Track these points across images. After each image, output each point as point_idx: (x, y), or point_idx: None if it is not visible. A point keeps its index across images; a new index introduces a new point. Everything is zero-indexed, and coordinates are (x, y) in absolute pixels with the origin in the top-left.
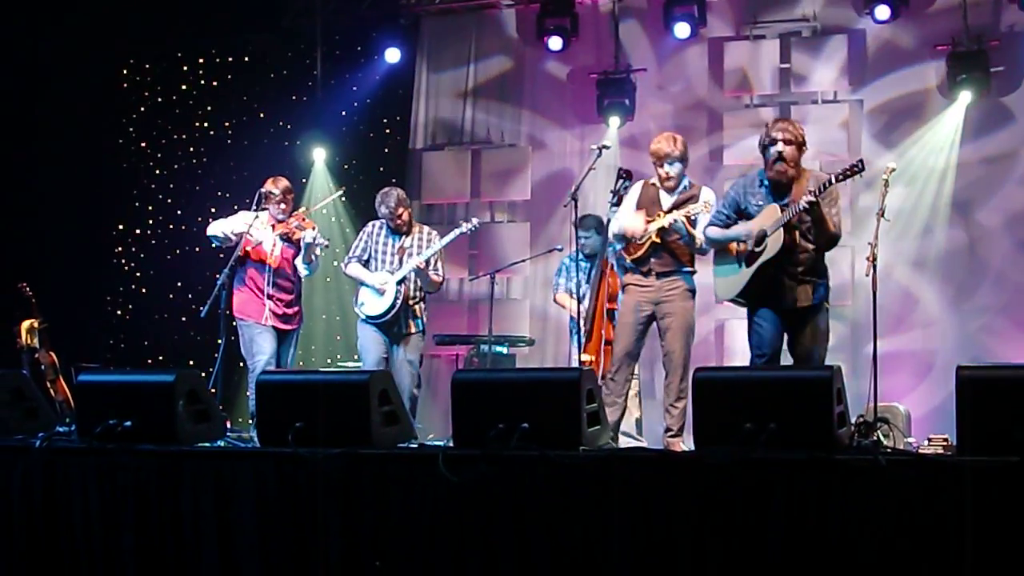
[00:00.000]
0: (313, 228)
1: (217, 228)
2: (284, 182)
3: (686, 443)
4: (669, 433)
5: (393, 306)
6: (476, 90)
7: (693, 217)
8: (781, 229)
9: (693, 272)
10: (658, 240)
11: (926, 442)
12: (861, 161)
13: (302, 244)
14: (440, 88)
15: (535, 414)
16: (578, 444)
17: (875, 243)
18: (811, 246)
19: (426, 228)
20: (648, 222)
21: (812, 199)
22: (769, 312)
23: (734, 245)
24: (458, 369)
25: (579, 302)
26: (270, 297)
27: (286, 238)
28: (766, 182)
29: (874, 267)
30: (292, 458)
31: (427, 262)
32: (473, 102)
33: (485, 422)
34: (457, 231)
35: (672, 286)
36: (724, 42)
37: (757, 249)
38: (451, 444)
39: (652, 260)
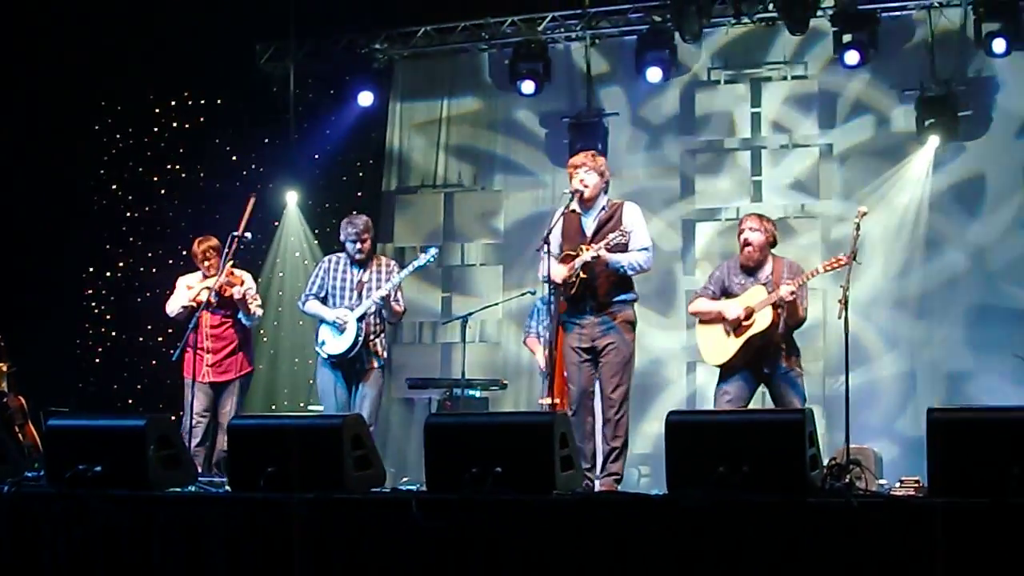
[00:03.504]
0: (241, 283)
1: (174, 307)
2: (207, 242)
3: (653, 486)
4: (607, 475)
5: (355, 344)
6: (449, 133)
7: (612, 243)
8: (770, 307)
9: (631, 300)
10: (586, 276)
11: (898, 484)
12: (854, 254)
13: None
14: (413, 131)
15: (509, 458)
16: (552, 488)
17: (847, 286)
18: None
19: (384, 259)
20: (570, 260)
21: (793, 289)
22: (746, 373)
23: (722, 316)
24: (431, 413)
25: (549, 346)
26: (208, 351)
27: (217, 294)
28: (736, 268)
29: (845, 309)
30: (264, 503)
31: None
32: (446, 145)
33: (459, 466)
34: (415, 263)
35: (608, 320)
36: (696, 86)
37: (746, 323)
38: (424, 488)
39: (586, 296)
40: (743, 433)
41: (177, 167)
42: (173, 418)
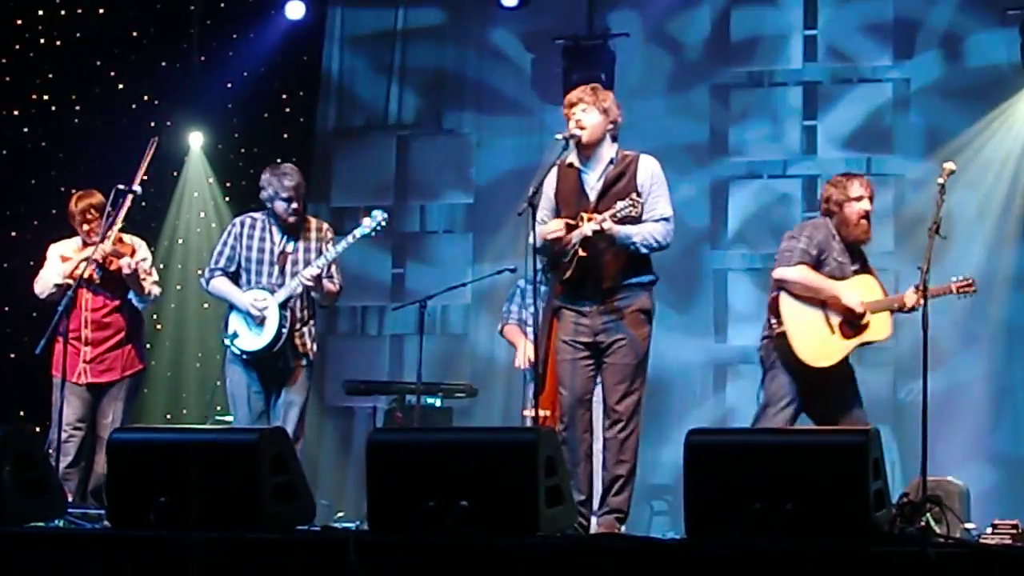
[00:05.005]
0: (132, 253)
1: (45, 284)
2: (89, 198)
3: (670, 527)
4: (607, 512)
5: (278, 338)
6: (405, 56)
7: (622, 215)
8: (887, 314)
9: (648, 283)
10: (586, 254)
11: (990, 529)
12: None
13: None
14: (357, 53)
15: (478, 488)
16: (534, 528)
17: (927, 267)
18: None
19: (316, 223)
20: (571, 226)
21: (917, 302)
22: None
23: (838, 301)
24: (376, 428)
25: (535, 339)
26: (86, 343)
27: (101, 267)
28: (837, 237)
29: (925, 297)
30: (154, 543)
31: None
32: (401, 72)
33: (411, 498)
34: (359, 232)
35: (615, 309)
36: (731, 3)
37: (861, 323)
38: (366, 526)
39: (587, 279)
40: (787, 459)
41: (45, 98)
42: (37, 430)
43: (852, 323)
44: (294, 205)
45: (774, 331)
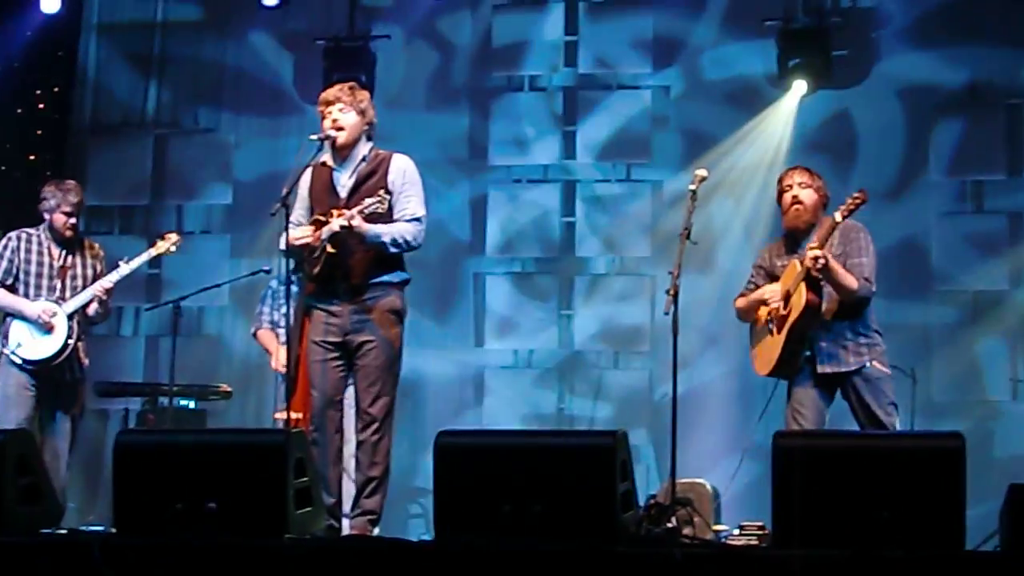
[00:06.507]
0: None
1: None
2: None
3: (425, 529)
4: (360, 514)
5: (64, 348)
6: (165, 53)
7: (369, 211)
8: (802, 284)
9: (399, 282)
10: (335, 251)
11: (737, 531)
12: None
13: None
14: (115, 50)
15: (227, 490)
16: (283, 530)
17: (677, 272)
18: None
19: (87, 241)
20: (321, 223)
21: (817, 254)
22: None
23: (763, 310)
24: (124, 429)
25: (287, 340)
26: None
27: None
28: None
29: (675, 303)
30: None
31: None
32: (160, 69)
33: (159, 500)
34: (153, 251)
35: (364, 308)
36: (496, 5)
37: (784, 311)
38: (114, 530)
39: (335, 276)
40: (536, 461)
41: None
42: None
43: (780, 317)
44: (73, 220)
45: None
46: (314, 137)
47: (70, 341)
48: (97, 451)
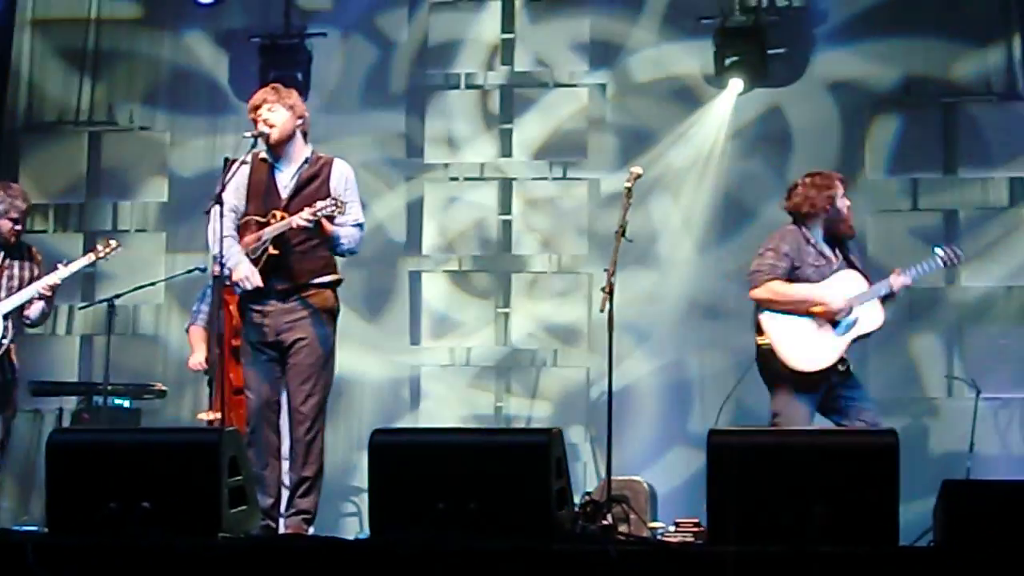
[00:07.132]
0: None
1: None
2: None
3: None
4: (294, 513)
5: None
6: (100, 50)
7: (322, 214)
8: (878, 301)
9: (332, 283)
10: (277, 252)
11: (672, 527)
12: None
13: None
14: (49, 47)
15: (160, 490)
16: (217, 529)
17: (612, 270)
18: None
19: (27, 243)
20: (258, 228)
21: (909, 282)
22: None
23: (819, 308)
24: (58, 428)
25: (218, 339)
26: None
27: None
28: (812, 240)
29: (611, 300)
30: None
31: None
32: (95, 67)
33: (92, 500)
34: (92, 255)
35: (301, 307)
36: (431, 6)
37: (850, 319)
38: (47, 530)
39: (273, 277)
40: (471, 458)
41: None
42: None
43: (840, 320)
44: (19, 227)
45: (760, 348)
46: (248, 135)
47: (4, 341)
48: (31, 451)
